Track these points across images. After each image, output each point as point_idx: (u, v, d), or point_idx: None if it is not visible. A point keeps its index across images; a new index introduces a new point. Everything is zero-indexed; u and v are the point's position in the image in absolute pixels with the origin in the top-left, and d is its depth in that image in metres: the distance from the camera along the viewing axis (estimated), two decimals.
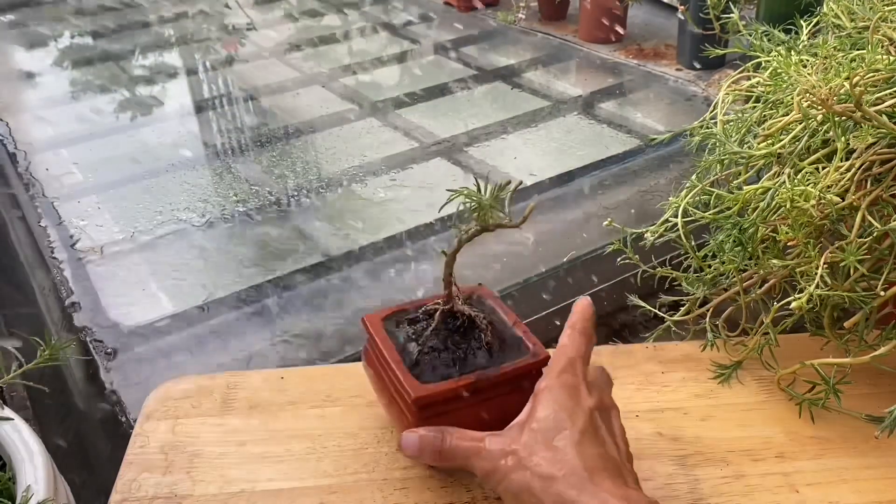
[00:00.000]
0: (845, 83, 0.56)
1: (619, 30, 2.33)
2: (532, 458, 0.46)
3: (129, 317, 1.19)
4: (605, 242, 0.73)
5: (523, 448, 0.47)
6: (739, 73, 0.75)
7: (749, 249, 0.63)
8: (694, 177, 0.72)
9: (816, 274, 0.55)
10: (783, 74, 0.64)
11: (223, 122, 2.07)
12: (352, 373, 0.65)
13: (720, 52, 0.80)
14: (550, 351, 0.56)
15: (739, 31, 0.78)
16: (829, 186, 0.57)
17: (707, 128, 0.74)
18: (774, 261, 0.60)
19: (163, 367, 1.08)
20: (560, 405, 0.48)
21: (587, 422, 0.47)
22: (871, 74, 0.58)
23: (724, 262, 0.65)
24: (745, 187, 0.64)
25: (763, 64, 0.72)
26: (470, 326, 0.56)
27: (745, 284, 0.66)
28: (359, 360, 0.61)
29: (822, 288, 0.55)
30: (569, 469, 0.45)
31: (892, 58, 0.59)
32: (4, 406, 0.59)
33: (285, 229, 1.46)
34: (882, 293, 0.56)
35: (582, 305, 0.54)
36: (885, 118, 0.56)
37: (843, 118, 0.58)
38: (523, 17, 2.55)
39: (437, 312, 0.56)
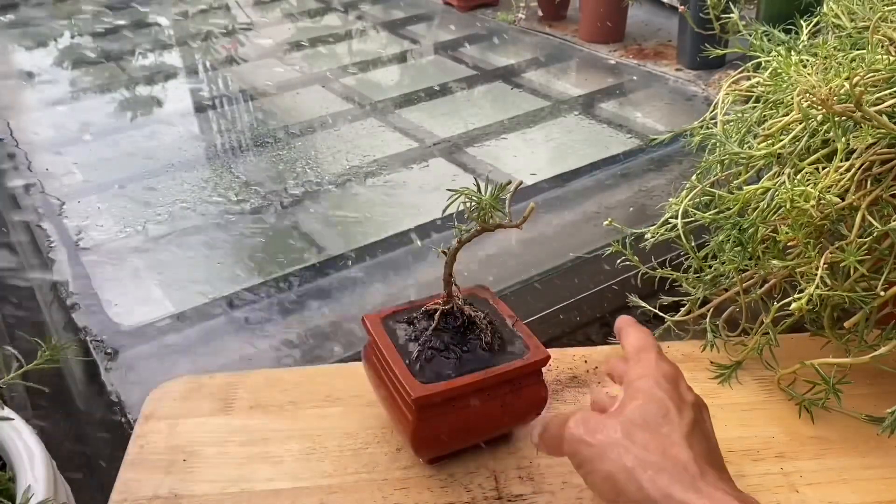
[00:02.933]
0: (845, 83, 0.56)
1: (619, 30, 2.32)
2: (635, 440, 0.41)
3: (129, 317, 1.19)
4: (605, 243, 0.73)
5: (623, 428, 0.42)
6: (739, 73, 0.75)
7: (749, 250, 0.63)
8: (694, 177, 0.72)
9: (816, 274, 0.55)
10: (783, 74, 0.64)
11: (223, 122, 2.06)
12: (352, 373, 0.65)
13: (720, 52, 0.80)
14: (551, 351, 0.56)
15: (739, 31, 0.78)
16: (829, 187, 0.57)
17: (707, 128, 0.74)
18: (774, 261, 0.60)
19: (163, 367, 1.08)
20: (666, 394, 0.43)
21: (693, 415, 0.43)
22: (871, 74, 0.58)
23: (724, 263, 0.65)
24: (745, 187, 0.64)
25: (763, 64, 0.72)
26: (470, 326, 0.56)
27: (745, 285, 0.66)
28: (359, 360, 0.61)
29: (822, 288, 0.55)
30: (679, 462, 0.40)
31: (892, 58, 0.59)
32: (4, 406, 0.59)
33: (285, 229, 1.46)
34: (882, 293, 0.56)
35: (623, 318, 0.52)
36: (885, 118, 0.56)
37: (843, 118, 0.58)
38: (523, 16, 2.55)
39: (437, 312, 0.56)
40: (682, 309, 0.70)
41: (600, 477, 0.41)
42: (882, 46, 0.62)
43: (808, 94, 0.57)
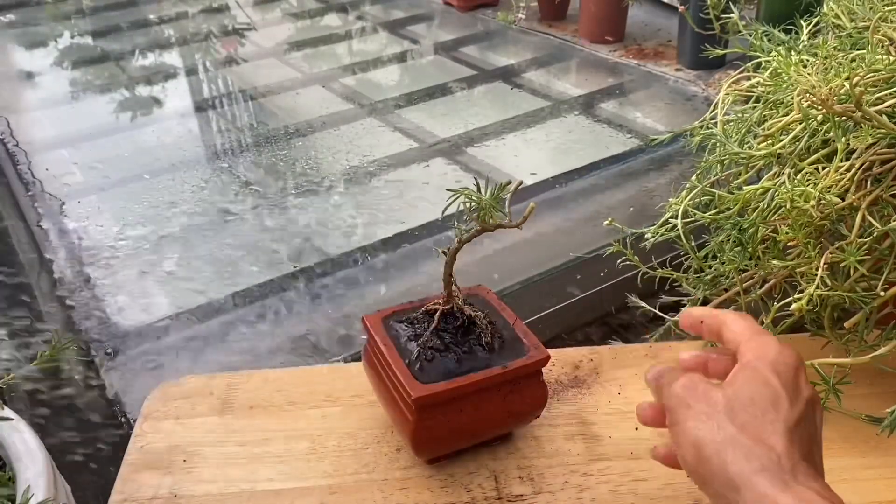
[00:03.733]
0: (845, 83, 0.56)
1: (619, 30, 2.32)
2: (735, 418, 0.39)
3: (129, 317, 1.19)
4: (605, 243, 0.73)
5: (727, 403, 0.40)
6: (739, 73, 0.75)
7: (749, 250, 0.63)
8: (694, 177, 0.72)
9: (816, 275, 0.55)
10: (783, 74, 0.64)
11: (223, 122, 2.07)
12: (352, 373, 0.65)
13: (720, 52, 0.80)
14: (550, 351, 0.56)
15: (739, 31, 0.78)
16: (829, 187, 0.57)
17: (707, 128, 0.74)
18: (774, 261, 0.60)
19: (163, 367, 1.08)
20: (781, 382, 0.40)
21: (804, 410, 0.40)
22: (871, 74, 0.58)
23: (724, 263, 0.65)
24: (745, 187, 0.64)
25: (763, 64, 0.72)
26: (470, 326, 0.56)
27: (745, 285, 0.66)
28: (359, 360, 0.61)
29: (822, 288, 0.55)
30: (773, 451, 0.37)
31: (892, 58, 0.59)
32: (4, 406, 0.59)
33: (285, 229, 1.46)
34: (882, 293, 0.56)
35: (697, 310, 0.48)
36: (885, 118, 0.56)
37: (843, 118, 0.58)
38: (523, 17, 2.55)
39: (437, 312, 0.56)
40: (683, 309, 0.70)
41: (688, 441, 0.40)
42: (882, 46, 0.62)
43: (808, 94, 0.57)
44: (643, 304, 0.70)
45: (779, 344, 0.43)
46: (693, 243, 0.67)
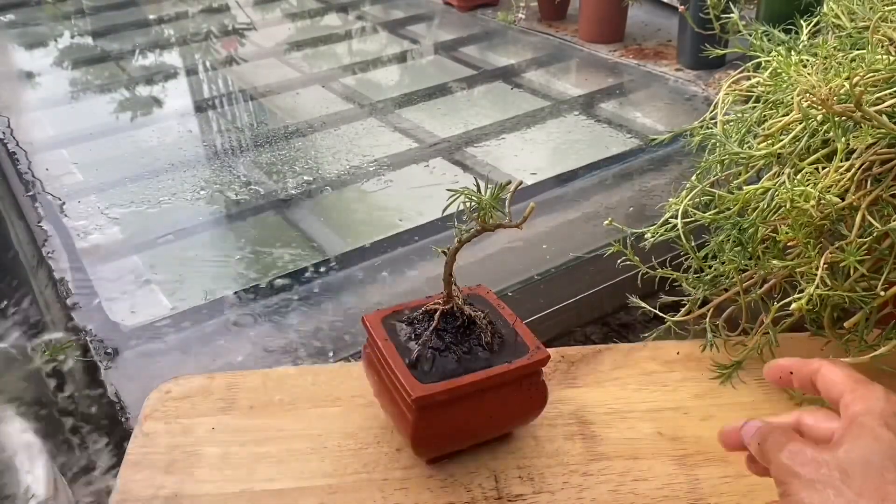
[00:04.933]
0: (845, 83, 0.56)
1: (619, 30, 2.32)
2: (851, 483, 0.37)
3: (129, 317, 1.19)
4: (605, 243, 0.72)
5: (840, 468, 0.38)
6: (739, 73, 0.75)
7: (749, 250, 0.63)
8: (694, 177, 0.72)
9: (816, 274, 0.55)
10: (783, 74, 0.64)
11: (223, 122, 2.06)
12: (352, 373, 0.65)
13: (720, 52, 0.80)
14: (551, 351, 0.56)
15: (739, 31, 0.78)
16: (829, 187, 0.57)
17: (707, 128, 0.74)
18: (774, 261, 0.60)
19: (163, 367, 1.08)
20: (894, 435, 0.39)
21: None
22: (871, 74, 0.58)
23: (724, 263, 0.65)
24: (745, 187, 0.64)
25: (763, 64, 0.72)
26: (470, 326, 0.56)
27: (745, 284, 0.66)
28: (359, 359, 0.61)
29: (822, 288, 0.55)
30: None
31: (892, 58, 0.59)
32: (4, 406, 0.59)
33: (285, 229, 1.46)
34: (882, 293, 0.56)
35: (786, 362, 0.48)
36: (885, 118, 0.56)
37: (843, 118, 0.58)
38: (523, 16, 2.55)
39: (437, 312, 0.56)
40: (683, 309, 0.70)
41: None
42: (882, 46, 0.62)
43: (808, 94, 0.57)
44: (643, 305, 0.70)
45: (885, 392, 0.41)
46: (693, 243, 0.67)
